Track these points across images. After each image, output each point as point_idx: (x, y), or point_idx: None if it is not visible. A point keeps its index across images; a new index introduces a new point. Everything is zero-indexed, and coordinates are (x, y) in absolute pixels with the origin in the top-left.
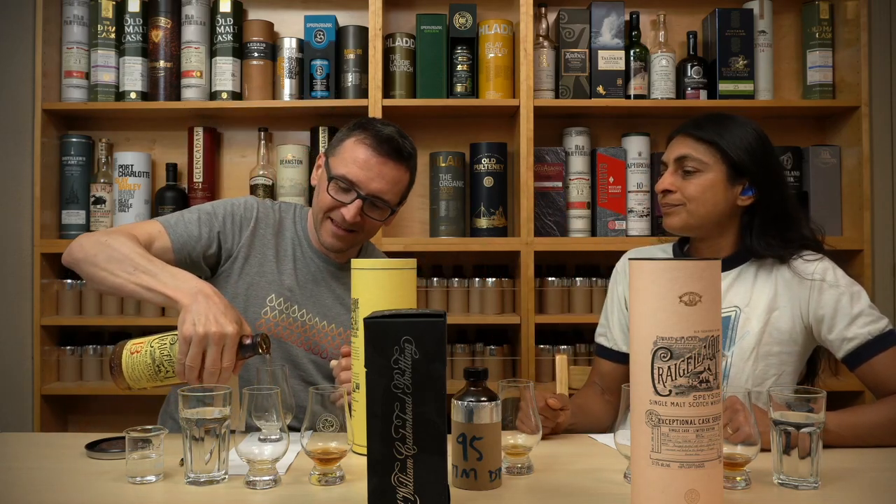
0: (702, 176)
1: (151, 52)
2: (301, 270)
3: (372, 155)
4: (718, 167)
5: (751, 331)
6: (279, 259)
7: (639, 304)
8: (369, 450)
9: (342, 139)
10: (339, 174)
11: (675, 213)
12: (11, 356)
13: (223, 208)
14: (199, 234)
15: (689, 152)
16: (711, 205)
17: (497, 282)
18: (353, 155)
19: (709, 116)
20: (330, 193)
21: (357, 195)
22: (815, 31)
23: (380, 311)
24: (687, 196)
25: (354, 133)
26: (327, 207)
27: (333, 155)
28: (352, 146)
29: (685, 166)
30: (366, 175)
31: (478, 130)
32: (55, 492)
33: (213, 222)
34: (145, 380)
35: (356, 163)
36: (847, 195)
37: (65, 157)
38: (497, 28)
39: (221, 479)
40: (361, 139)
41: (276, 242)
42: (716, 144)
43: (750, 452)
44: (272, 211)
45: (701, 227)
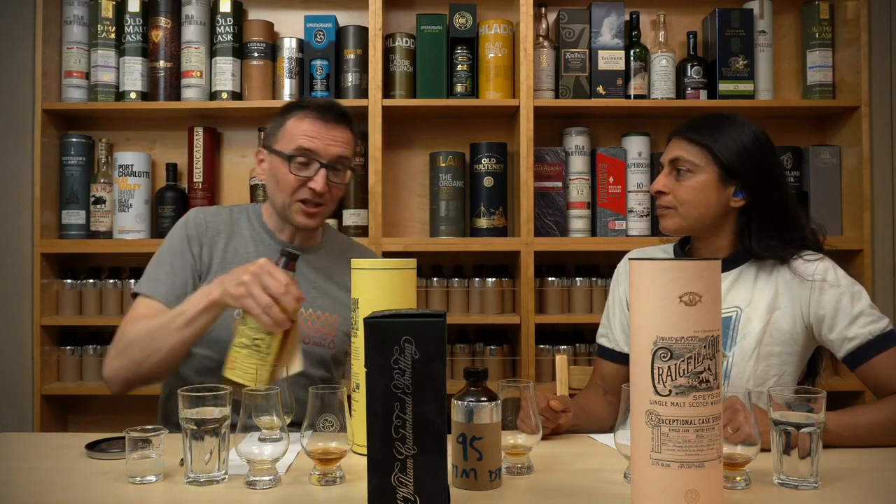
0: (693, 178)
1: (151, 52)
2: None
3: (320, 124)
4: (710, 169)
5: (752, 331)
6: (243, 258)
7: (639, 304)
8: (369, 450)
9: (280, 124)
10: (295, 149)
11: (668, 215)
12: (11, 356)
13: (179, 241)
14: (185, 281)
15: (681, 154)
16: (704, 207)
17: (497, 282)
18: (302, 129)
19: (706, 118)
20: (293, 173)
21: (319, 164)
22: (815, 31)
23: (380, 311)
24: (678, 198)
25: (292, 113)
26: (294, 188)
27: (277, 141)
28: (296, 124)
29: (678, 168)
30: (322, 143)
31: (478, 130)
32: (55, 492)
33: (185, 259)
34: (258, 367)
35: (307, 134)
36: (847, 195)
37: (65, 157)
38: (497, 28)
39: (221, 479)
40: (303, 114)
41: (236, 243)
42: (707, 146)
43: (750, 452)
44: (221, 215)
45: (695, 228)
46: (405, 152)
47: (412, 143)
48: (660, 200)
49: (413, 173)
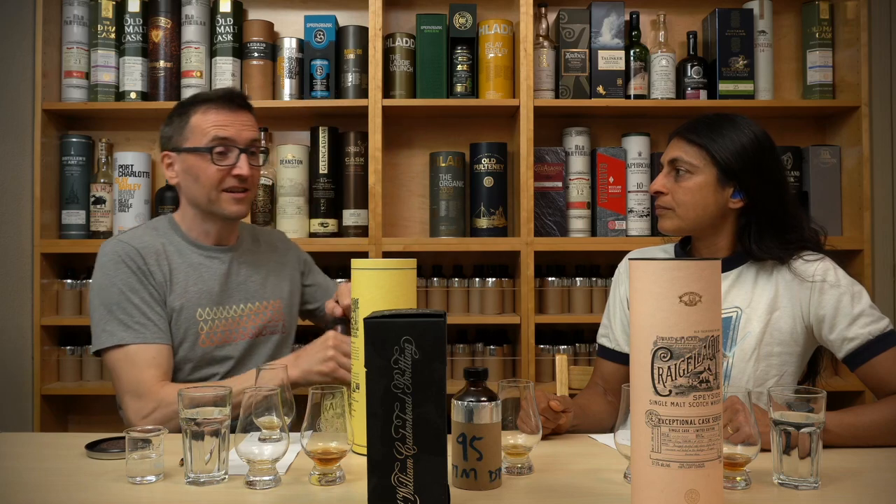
0: (692, 179)
1: (151, 52)
2: (205, 273)
3: (227, 111)
4: (708, 170)
5: (752, 331)
6: (180, 275)
7: (639, 304)
8: (369, 450)
9: (182, 123)
10: (212, 141)
11: (667, 215)
12: (11, 356)
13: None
14: (160, 313)
15: (680, 155)
16: (701, 207)
17: (497, 282)
18: (212, 120)
19: (706, 118)
20: (216, 163)
21: (239, 150)
22: (815, 31)
23: (380, 311)
24: (677, 199)
25: (193, 108)
26: (218, 180)
27: (185, 139)
28: (201, 118)
29: (677, 168)
30: (235, 130)
31: (478, 130)
32: (55, 492)
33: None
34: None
35: (219, 124)
36: (847, 195)
37: (65, 157)
38: (497, 28)
39: (221, 479)
40: (206, 107)
41: (169, 262)
42: (705, 148)
43: (750, 452)
44: (142, 238)
45: (693, 228)
46: (405, 152)
47: (412, 143)
48: (658, 200)
49: (413, 173)
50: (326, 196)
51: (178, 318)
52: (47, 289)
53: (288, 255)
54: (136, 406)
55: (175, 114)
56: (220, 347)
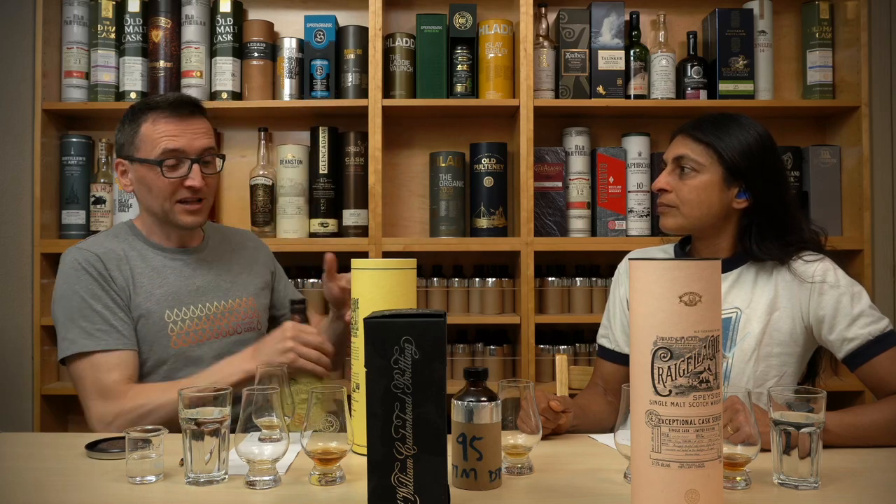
0: (697, 177)
1: (151, 52)
2: (170, 276)
3: (176, 120)
4: (714, 169)
5: (751, 332)
6: (143, 279)
7: (639, 304)
8: (369, 450)
9: (133, 131)
10: (162, 153)
11: (670, 213)
12: (11, 356)
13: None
14: (125, 319)
15: (686, 152)
16: (706, 206)
17: (497, 282)
18: (161, 130)
19: (711, 117)
20: (166, 176)
21: (190, 161)
22: (815, 31)
23: (380, 311)
24: (681, 197)
25: (143, 117)
26: (170, 191)
27: (136, 148)
28: (151, 127)
29: (682, 166)
30: (185, 139)
31: (478, 130)
32: (55, 492)
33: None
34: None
35: (169, 134)
36: (847, 195)
37: (65, 157)
38: (497, 28)
39: (221, 479)
40: (155, 116)
41: (130, 267)
42: (712, 146)
43: (750, 452)
44: (103, 245)
45: (695, 227)
46: (405, 152)
47: (412, 143)
48: (661, 198)
49: (413, 173)
50: (326, 196)
51: (146, 322)
52: (47, 289)
53: (259, 253)
54: (100, 410)
55: (126, 120)
56: (194, 347)
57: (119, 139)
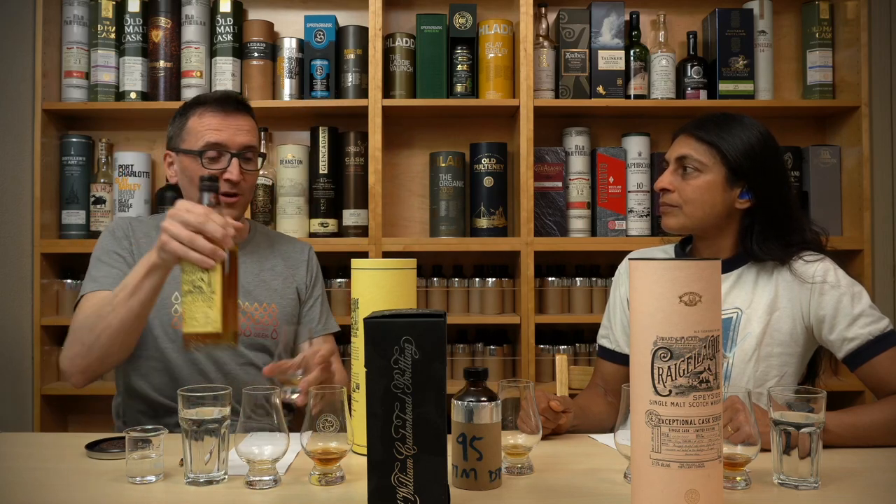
0: (700, 177)
1: (151, 52)
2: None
3: (222, 115)
4: (717, 169)
5: (752, 332)
6: None
7: (639, 304)
8: (369, 450)
9: (181, 124)
10: (204, 145)
11: (672, 213)
12: (11, 356)
13: (109, 243)
14: (125, 272)
15: (689, 152)
16: (709, 206)
17: (497, 282)
18: (205, 124)
19: (714, 116)
20: (206, 167)
21: (230, 155)
22: (815, 31)
23: (380, 311)
24: (684, 197)
25: (191, 111)
26: None
27: (182, 140)
28: (197, 121)
29: (684, 166)
30: (227, 134)
31: (478, 130)
32: (55, 492)
33: (119, 256)
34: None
35: (212, 128)
36: (847, 195)
37: (65, 157)
38: (497, 28)
39: (221, 479)
40: (202, 110)
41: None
42: (716, 146)
43: (750, 452)
44: (144, 222)
45: (697, 227)
46: (405, 152)
47: (412, 143)
48: (664, 198)
49: (413, 173)
50: (326, 196)
51: None
52: (47, 289)
53: (302, 266)
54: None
55: (177, 114)
56: None
57: (169, 132)
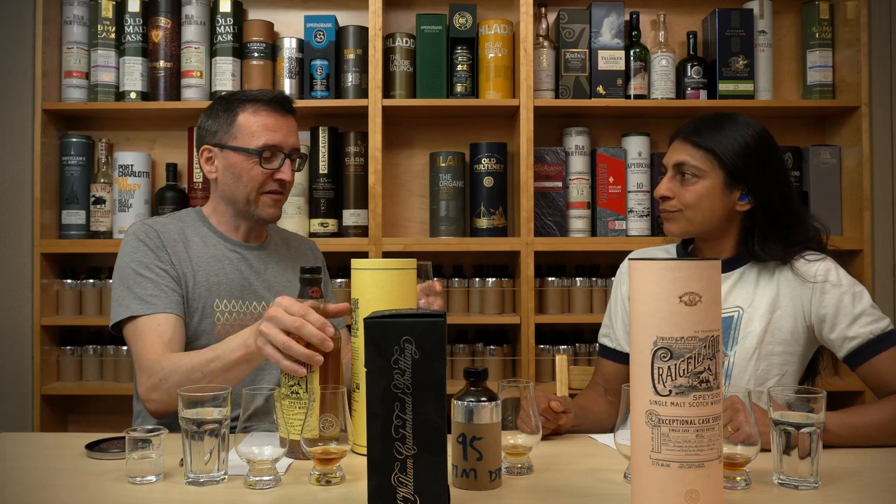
0: (699, 183)
1: (151, 52)
2: (227, 266)
3: (277, 116)
4: (716, 174)
5: (753, 331)
6: (201, 265)
7: (639, 304)
8: (369, 450)
9: (229, 120)
10: (263, 145)
11: (674, 219)
12: (11, 356)
13: (144, 254)
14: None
15: (686, 159)
16: (709, 211)
17: (497, 282)
18: (261, 123)
19: (708, 119)
20: (263, 167)
21: (284, 155)
22: (815, 31)
23: (380, 311)
24: (684, 203)
25: (241, 107)
26: (261, 182)
27: (232, 137)
28: (251, 118)
29: (682, 172)
30: (282, 135)
31: (478, 130)
32: (55, 492)
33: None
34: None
35: (268, 128)
36: (847, 195)
37: (65, 157)
38: (497, 28)
39: (221, 480)
40: (256, 108)
41: (192, 251)
42: (713, 151)
43: (750, 452)
44: (167, 224)
45: (699, 232)
46: (405, 152)
47: (412, 143)
48: (664, 205)
49: (413, 173)
50: (326, 196)
51: (197, 305)
52: (47, 289)
53: (316, 264)
54: (140, 381)
55: (220, 108)
56: None
57: (209, 126)
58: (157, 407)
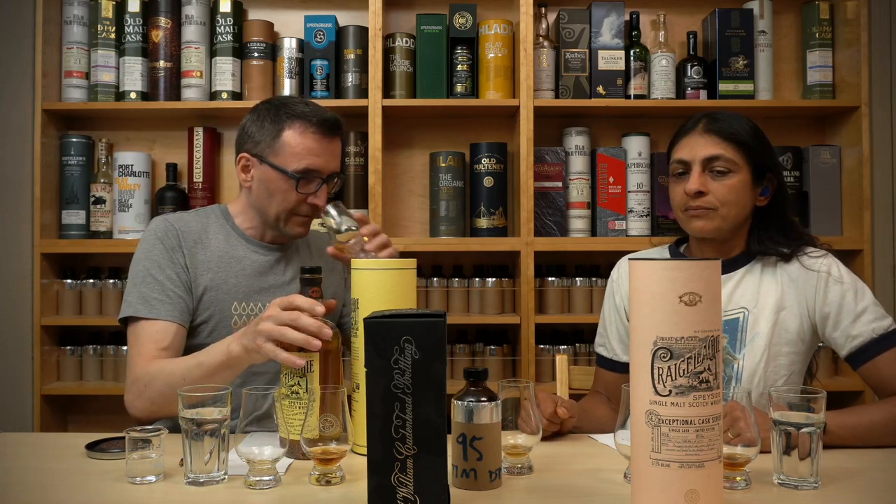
0: (734, 177)
1: (151, 52)
2: (248, 268)
3: (323, 140)
4: (745, 168)
5: (760, 332)
6: (221, 265)
7: (639, 304)
8: (369, 450)
9: (274, 134)
10: (302, 169)
11: (708, 216)
12: (11, 356)
13: (160, 254)
14: (180, 294)
15: (721, 152)
16: (741, 206)
17: (497, 282)
18: (306, 146)
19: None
20: (300, 191)
21: (322, 181)
22: (815, 31)
23: (380, 311)
24: (720, 198)
25: (288, 123)
26: (294, 203)
27: (274, 153)
28: (298, 138)
29: (715, 167)
30: (324, 160)
31: (478, 130)
32: (55, 492)
33: (173, 272)
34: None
35: (312, 152)
36: (847, 195)
37: (65, 157)
38: (497, 28)
39: (221, 480)
40: (304, 127)
41: (212, 248)
42: (745, 144)
43: (750, 453)
44: (189, 221)
45: (730, 229)
46: (405, 152)
47: (412, 143)
48: (698, 201)
49: (413, 173)
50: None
51: (209, 303)
52: (47, 289)
53: (336, 264)
54: (127, 387)
55: (267, 118)
56: None
57: (252, 134)
58: (140, 414)
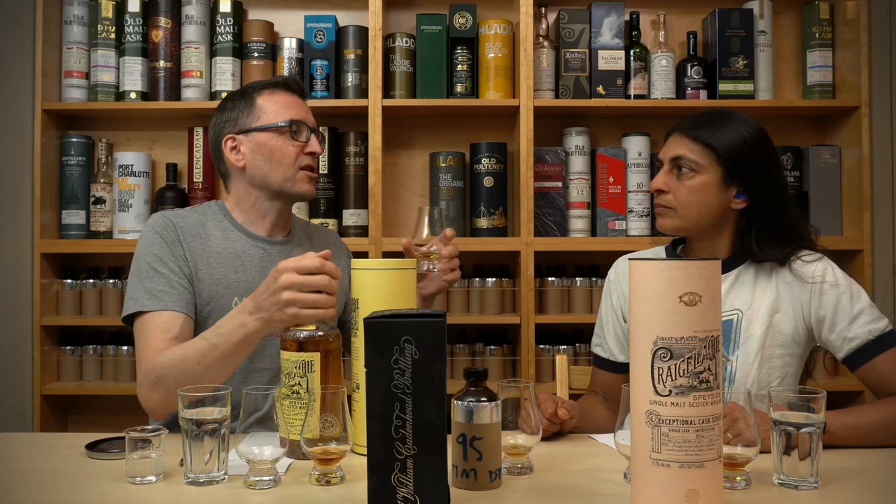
0: (696, 178)
1: (151, 52)
2: (247, 263)
3: (295, 96)
4: (713, 169)
5: (754, 334)
6: (220, 260)
7: (639, 304)
8: (369, 450)
9: (247, 106)
10: (288, 120)
11: (667, 214)
12: (11, 356)
13: (160, 247)
14: (185, 285)
15: (684, 153)
16: (704, 207)
17: (497, 282)
18: (282, 101)
19: (707, 115)
20: (295, 140)
21: (309, 129)
22: (815, 31)
23: (380, 311)
24: (679, 198)
25: (256, 93)
26: (295, 156)
27: (256, 119)
28: (270, 99)
29: (679, 166)
30: (303, 112)
31: (478, 130)
32: (55, 492)
33: (175, 264)
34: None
35: (289, 107)
36: (847, 195)
37: (65, 157)
38: (497, 28)
39: (221, 480)
40: (272, 90)
41: (208, 245)
42: (711, 146)
43: (750, 453)
44: (187, 216)
45: (693, 229)
46: (405, 152)
47: (412, 143)
48: (659, 199)
49: (413, 173)
50: (326, 196)
51: (209, 298)
52: (47, 289)
53: (340, 257)
54: (139, 381)
55: (235, 99)
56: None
57: (228, 117)
58: (157, 407)
